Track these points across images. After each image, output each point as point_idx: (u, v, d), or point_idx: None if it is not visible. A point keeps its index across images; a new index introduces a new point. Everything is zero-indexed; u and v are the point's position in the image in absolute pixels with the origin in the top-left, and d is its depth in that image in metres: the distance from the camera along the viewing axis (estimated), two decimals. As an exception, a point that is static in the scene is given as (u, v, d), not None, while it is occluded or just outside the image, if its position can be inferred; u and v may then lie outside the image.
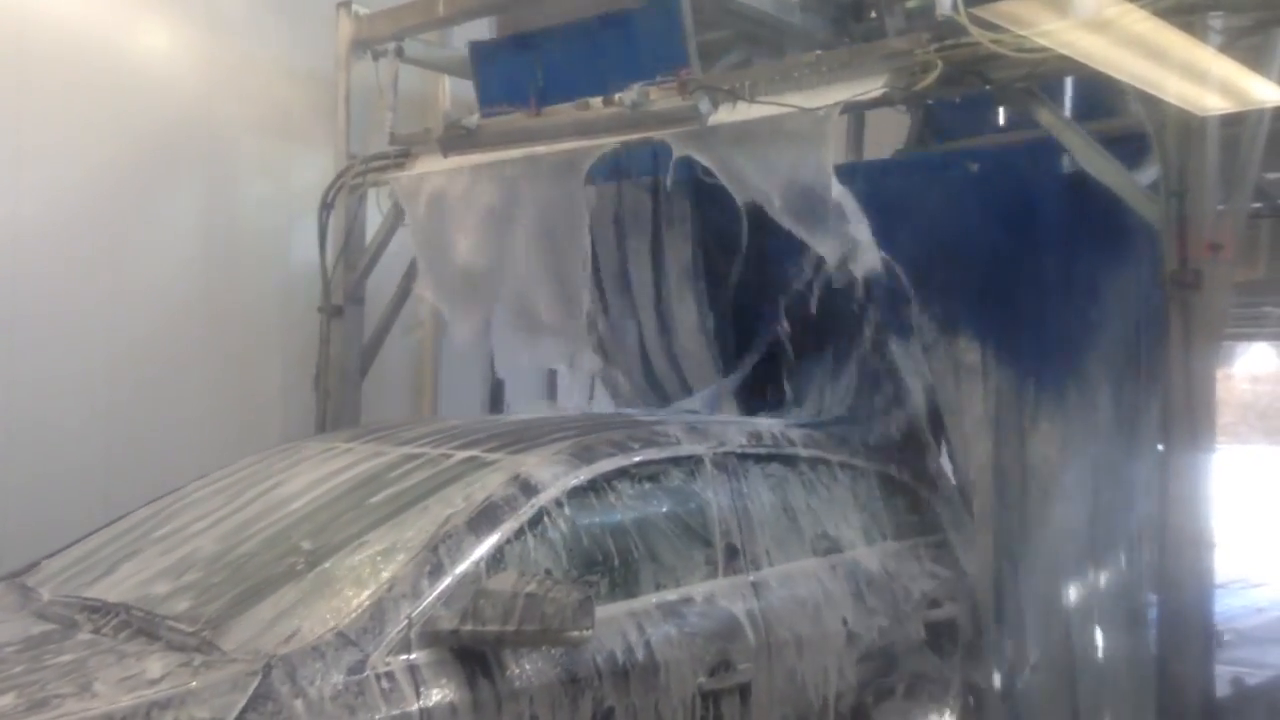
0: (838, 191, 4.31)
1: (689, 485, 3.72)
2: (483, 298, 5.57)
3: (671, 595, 3.42)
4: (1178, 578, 4.02)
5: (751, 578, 3.65)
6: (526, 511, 3.20)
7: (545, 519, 3.25)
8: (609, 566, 3.34)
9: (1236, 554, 4.34)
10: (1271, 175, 5.54)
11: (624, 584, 3.35)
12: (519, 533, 3.16)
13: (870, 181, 4.59)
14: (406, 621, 2.82)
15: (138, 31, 5.93)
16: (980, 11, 3.75)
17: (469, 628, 2.82)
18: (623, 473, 3.54)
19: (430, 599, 2.89)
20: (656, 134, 4.74)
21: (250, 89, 6.33)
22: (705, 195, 5.20)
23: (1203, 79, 3.80)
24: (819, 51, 4.59)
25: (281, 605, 2.88)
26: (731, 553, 3.65)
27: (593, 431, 3.71)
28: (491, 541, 3.09)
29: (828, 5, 5.65)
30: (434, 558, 2.97)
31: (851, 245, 4.39)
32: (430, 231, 5.68)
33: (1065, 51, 3.73)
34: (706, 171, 4.76)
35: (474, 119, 5.23)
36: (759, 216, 4.72)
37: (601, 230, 5.45)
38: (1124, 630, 4.58)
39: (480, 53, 5.49)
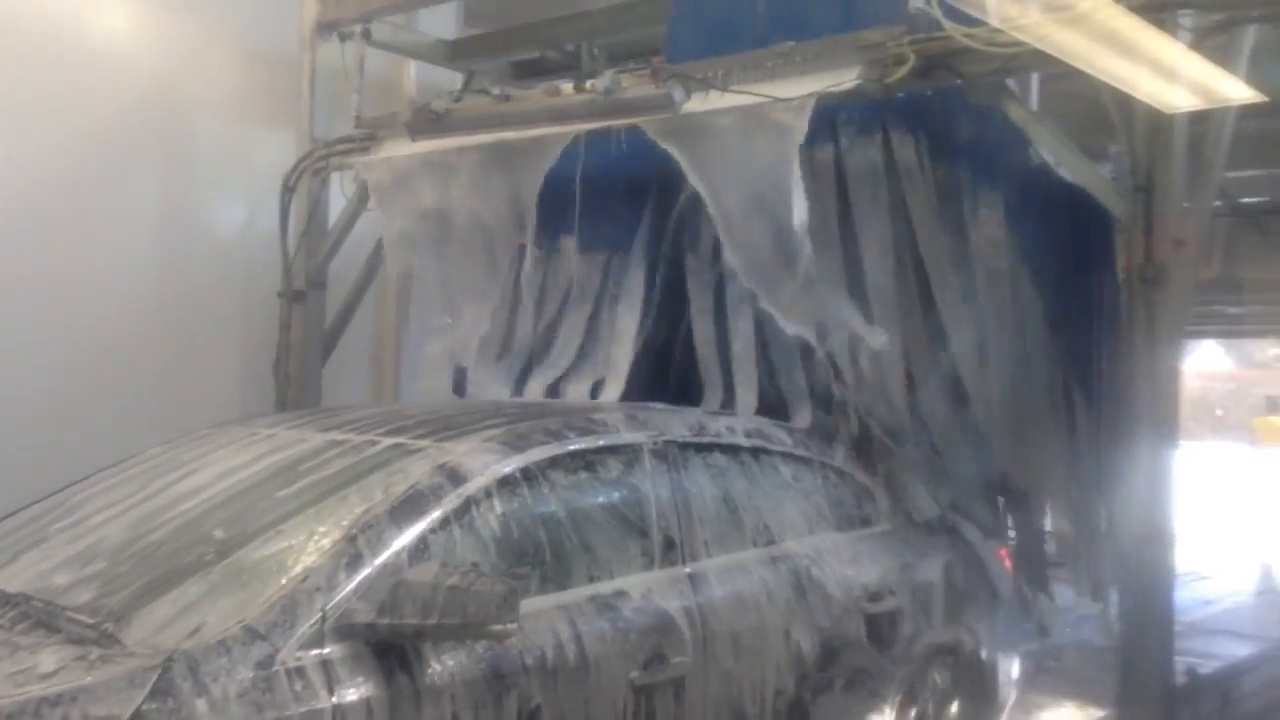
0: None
1: (626, 475, 3.60)
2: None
3: (605, 588, 3.31)
4: (1139, 569, 4.04)
5: (689, 570, 3.56)
6: (452, 501, 3.07)
7: (473, 509, 3.12)
8: (540, 559, 3.22)
9: (1186, 548, 4.43)
10: (1230, 174, 5.62)
11: (555, 577, 3.23)
12: (444, 523, 3.03)
13: None
14: (320, 614, 2.69)
15: (96, 7, 5.82)
16: (954, 4, 3.77)
17: (386, 621, 2.69)
18: (556, 461, 3.41)
19: (346, 591, 2.76)
20: (629, 121, 4.72)
21: (211, 69, 6.24)
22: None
23: (1172, 76, 3.79)
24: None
25: (188, 597, 2.75)
26: (669, 544, 3.55)
27: (527, 419, 3.59)
28: (414, 532, 2.96)
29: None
30: (352, 548, 2.84)
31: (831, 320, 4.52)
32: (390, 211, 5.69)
33: (1038, 46, 3.74)
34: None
35: (442, 103, 5.18)
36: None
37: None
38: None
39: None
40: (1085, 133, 4.76)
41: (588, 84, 4.70)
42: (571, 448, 3.48)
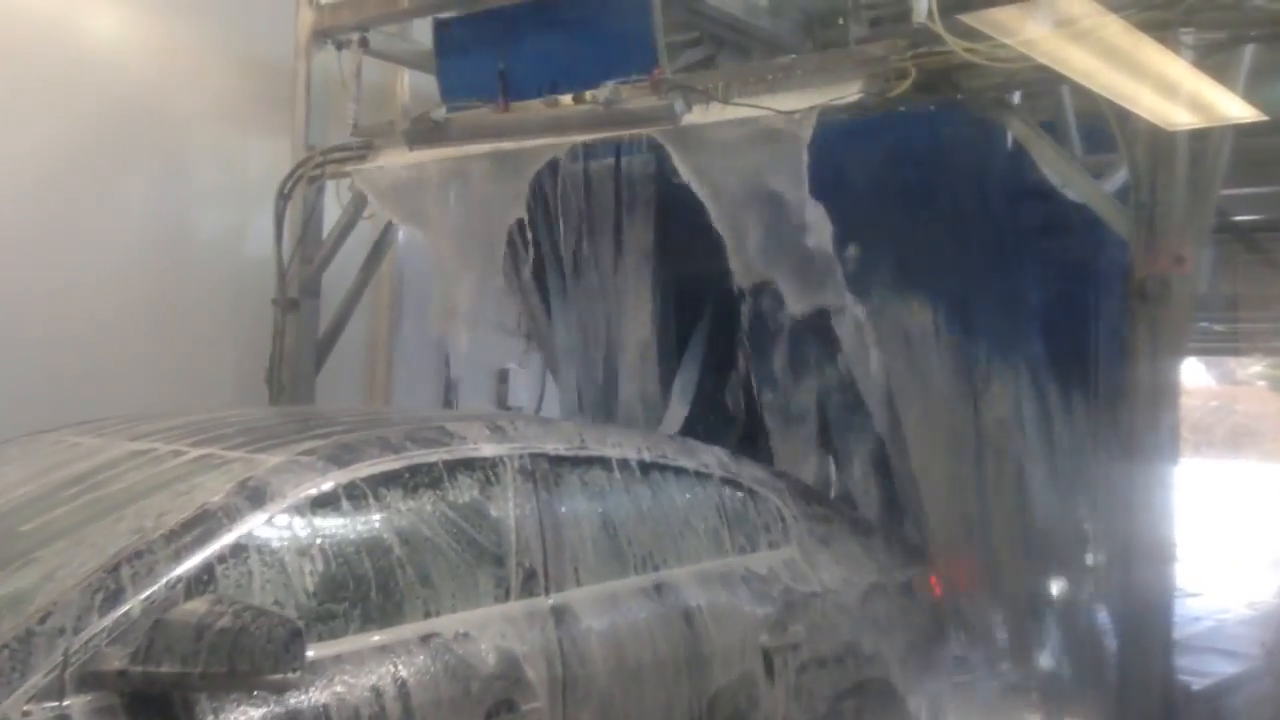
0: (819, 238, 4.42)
1: (483, 494, 3.20)
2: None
3: (444, 625, 2.91)
4: (1139, 586, 4.05)
5: (552, 602, 3.17)
6: (251, 524, 2.68)
7: (277, 533, 2.72)
8: (362, 593, 2.80)
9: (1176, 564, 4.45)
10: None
11: (381, 615, 2.82)
12: (238, 551, 2.62)
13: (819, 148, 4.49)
14: (61, 660, 2.30)
15: (90, 13, 5.78)
16: (957, 18, 3.77)
17: (140, 669, 2.32)
18: (391, 478, 3.00)
19: (96, 632, 2.36)
20: (629, 132, 4.71)
21: (205, 76, 6.21)
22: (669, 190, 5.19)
23: (1174, 93, 3.82)
24: (793, 55, 4.59)
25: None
26: (529, 574, 3.16)
27: (365, 428, 3.18)
28: (196, 561, 2.55)
29: (795, 10, 5.67)
30: (111, 581, 2.44)
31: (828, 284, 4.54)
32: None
33: (1040, 61, 3.74)
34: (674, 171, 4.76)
35: (441, 112, 5.14)
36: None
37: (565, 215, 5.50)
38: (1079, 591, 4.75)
39: (443, 39, 5.38)
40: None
41: (587, 95, 4.69)
42: (410, 461, 3.07)
